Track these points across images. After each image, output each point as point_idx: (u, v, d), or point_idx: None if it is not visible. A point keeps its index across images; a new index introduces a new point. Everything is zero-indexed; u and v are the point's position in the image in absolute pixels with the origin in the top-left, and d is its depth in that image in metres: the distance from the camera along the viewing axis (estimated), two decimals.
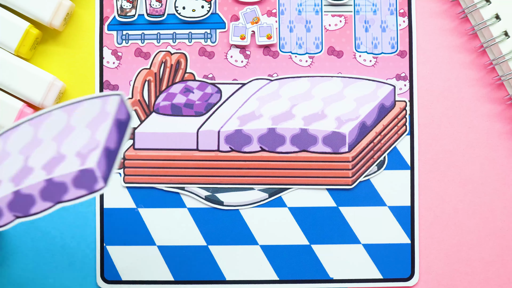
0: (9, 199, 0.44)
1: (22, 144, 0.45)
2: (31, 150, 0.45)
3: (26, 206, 0.44)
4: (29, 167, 0.44)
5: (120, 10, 0.57)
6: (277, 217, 0.57)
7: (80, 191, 0.44)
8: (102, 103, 0.44)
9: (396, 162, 0.57)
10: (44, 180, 0.44)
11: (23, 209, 0.44)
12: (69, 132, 0.44)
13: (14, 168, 0.45)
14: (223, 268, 0.57)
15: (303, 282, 0.57)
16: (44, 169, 0.44)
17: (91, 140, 0.43)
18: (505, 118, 0.58)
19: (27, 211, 0.44)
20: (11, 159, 0.45)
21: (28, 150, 0.45)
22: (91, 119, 0.43)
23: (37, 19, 0.56)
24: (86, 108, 0.43)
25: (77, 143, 0.44)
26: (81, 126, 0.44)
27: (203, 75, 0.58)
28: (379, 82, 0.57)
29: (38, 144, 0.45)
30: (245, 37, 0.57)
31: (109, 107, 0.43)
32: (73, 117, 0.44)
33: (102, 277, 0.57)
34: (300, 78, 0.57)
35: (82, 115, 0.44)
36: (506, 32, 0.56)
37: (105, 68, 0.58)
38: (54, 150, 0.44)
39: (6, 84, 0.56)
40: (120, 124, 0.43)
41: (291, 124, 0.55)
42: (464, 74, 0.58)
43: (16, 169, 0.45)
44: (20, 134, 0.45)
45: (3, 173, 0.45)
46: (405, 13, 0.58)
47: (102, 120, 0.43)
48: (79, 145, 0.44)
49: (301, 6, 0.58)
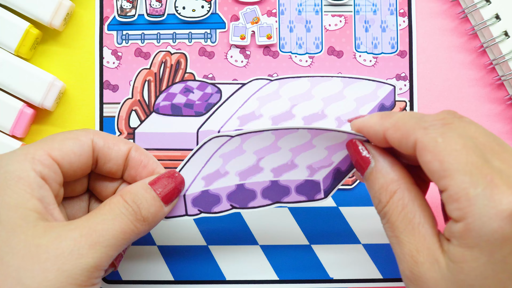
0: (231, 191, 0.50)
1: (258, 147, 0.50)
2: (265, 154, 0.49)
3: (246, 200, 0.51)
4: (259, 166, 0.50)
5: (120, 10, 0.57)
6: (277, 217, 0.57)
7: (300, 196, 0.50)
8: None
9: None
10: (269, 181, 0.50)
11: (242, 202, 0.51)
12: (308, 148, 0.49)
13: (244, 165, 0.50)
14: (223, 268, 0.57)
15: (303, 282, 0.57)
16: (272, 171, 0.50)
17: (326, 159, 0.49)
18: (505, 118, 0.58)
19: (246, 204, 0.51)
20: (244, 156, 0.50)
21: (263, 153, 0.49)
22: (332, 144, 0.48)
23: (37, 19, 0.56)
24: (330, 135, 0.47)
25: (312, 159, 0.50)
26: (321, 147, 0.49)
27: (203, 75, 0.58)
28: (379, 82, 0.57)
29: (273, 151, 0.49)
30: (245, 37, 0.57)
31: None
32: (316, 139, 0.48)
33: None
34: (300, 78, 0.57)
35: (325, 139, 0.48)
36: (506, 32, 0.56)
37: (105, 68, 0.58)
38: (288, 158, 0.49)
39: (6, 84, 0.56)
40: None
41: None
42: (464, 74, 0.58)
43: (246, 166, 0.50)
44: (261, 139, 0.49)
45: (233, 166, 0.50)
46: (405, 13, 0.58)
47: (342, 148, 0.48)
48: (313, 160, 0.50)
49: (301, 6, 0.58)
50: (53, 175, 0.46)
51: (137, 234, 0.46)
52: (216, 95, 0.57)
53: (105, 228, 0.44)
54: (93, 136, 0.48)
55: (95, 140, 0.48)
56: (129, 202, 0.46)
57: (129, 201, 0.46)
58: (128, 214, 0.46)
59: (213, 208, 0.51)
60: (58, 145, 0.47)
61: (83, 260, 0.43)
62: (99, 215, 0.45)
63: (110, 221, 0.45)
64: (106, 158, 0.49)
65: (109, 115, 0.57)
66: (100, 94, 0.58)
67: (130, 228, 0.46)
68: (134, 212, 0.46)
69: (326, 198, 0.51)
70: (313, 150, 0.49)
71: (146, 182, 0.48)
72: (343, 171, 0.50)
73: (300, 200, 0.51)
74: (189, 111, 0.57)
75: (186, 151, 0.57)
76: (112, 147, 0.49)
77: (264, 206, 0.51)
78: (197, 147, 0.50)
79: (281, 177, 0.51)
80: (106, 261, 0.44)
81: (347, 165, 0.49)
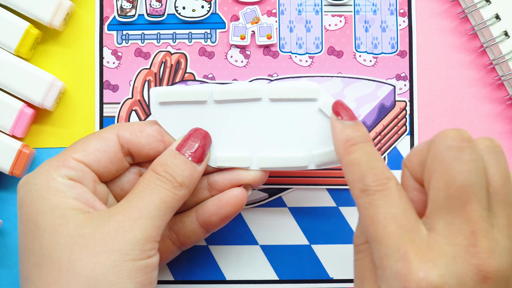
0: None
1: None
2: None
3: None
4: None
5: (120, 10, 0.57)
6: (277, 217, 0.57)
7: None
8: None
9: (396, 162, 0.57)
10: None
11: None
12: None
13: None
14: (223, 268, 0.57)
15: (303, 282, 0.57)
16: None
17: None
18: (505, 118, 0.58)
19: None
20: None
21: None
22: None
23: (37, 19, 0.56)
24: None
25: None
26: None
27: (203, 75, 0.58)
28: (379, 82, 0.57)
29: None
30: (245, 37, 0.57)
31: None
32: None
33: None
34: (300, 78, 0.57)
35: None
36: (506, 32, 0.56)
37: (105, 68, 0.58)
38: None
39: (6, 84, 0.56)
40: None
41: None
42: (464, 74, 0.58)
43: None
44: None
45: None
46: (405, 13, 0.58)
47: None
48: None
49: (301, 6, 0.58)
50: (82, 173, 0.46)
51: (178, 200, 0.46)
52: None
53: (145, 203, 0.45)
54: (118, 130, 0.49)
55: (120, 133, 0.49)
56: (161, 173, 0.46)
57: (161, 172, 0.46)
58: (164, 184, 0.46)
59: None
60: (80, 147, 0.47)
61: (130, 235, 0.43)
62: (136, 193, 0.45)
63: (148, 196, 0.45)
64: (139, 147, 0.49)
65: (109, 115, 0.57)
66: (100, 94, 0.58)
67: (170, 196, 0.46)
68: (169, 181, 0.46)
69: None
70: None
71: (173, 148, 0.48)
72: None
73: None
74: None
75: None
76: (139, 134, 0.49)
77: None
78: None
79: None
80: (155, 231, 0.44)
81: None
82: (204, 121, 0.50)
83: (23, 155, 0.55)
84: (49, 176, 0.45)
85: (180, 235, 0.51)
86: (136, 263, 0.43)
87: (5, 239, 0.57)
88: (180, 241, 0.51)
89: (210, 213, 0.50)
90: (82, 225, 0.43)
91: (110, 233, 0.43)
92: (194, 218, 0.50)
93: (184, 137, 0.49)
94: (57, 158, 0.47)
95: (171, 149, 0.48)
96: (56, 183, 0.45)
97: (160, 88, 0.50)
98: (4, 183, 0.57)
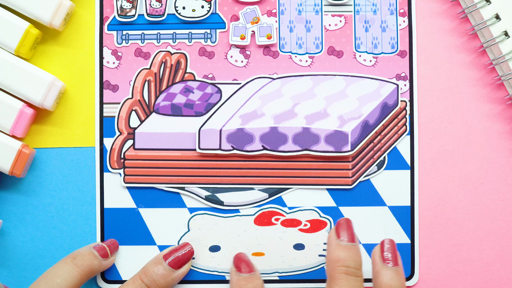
0: (264, 132, 0.55)
1: (296, 92, 0.54)
2: (301, 100, 0.54)
3: (277, 143, 0.55)
4: (294, 112, 0.54)
5: (120, 10, 0.57)
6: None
7: (328, 146, 0.54)
8: (379, 85, 0.55)
9: (396, 162, 0.57)
10: (301, 127, 0.54)
11: (273, 144, 0.55)
12: (341, 98, 0.53)
13: (280, 109, 0.55)
14: (223, 268, 0.57)
15: (303, 282, 0.57)
16: (305, 118, 0.54)
17: (356, 110, 0.54)
18: (505, 118, 0.58)
19: (276, 147, 0.55)
20: (282, 100, 0.54)
21: (299, 99, 0.54)
22: (364, 94, 0.53)
23: (37, 19, 0.56)
24: (364, 84, 0.52)
25: (343, 109, 0.54)
26: (353, 97, 0.53)
27: (203, 75, 0.58)
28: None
29: (309, 97, 0.54)
30: (245, 37, 0.57)
31: (383, 90, 0.55)
32: (350, 87, 0.53)
33: (102, 276, 0.57)
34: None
35: (358, 88, 0.53)
36: (506, 32, 0.56)
37: (105, 68, 0.58)
38: (322, 107, 0.54)
39: (6, 84, 0.56)
40: (385, 107, 0.55)
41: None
42: (464, 74, 0.58)
43: (282, 110, 0.55)
44: (299, 83, 0.54)
45: (270, 109, 0.54)
46: (405, 13, 0.58)
47: (373, 99, 0.52)
48: (344, 111, 0.54)
49: (301, 6, 0.58)
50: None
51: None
52: (216, 95, 0.57)
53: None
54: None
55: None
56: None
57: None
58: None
59: (246, 147, 0.54)
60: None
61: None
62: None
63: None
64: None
65: (109, 115, 0.57)
66: (100, 94, 0.57)
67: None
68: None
69: (352, 151, 0.54)
70: (346, 99, 0.50)
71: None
72: (371, 124, 0.53)
73: (328, 150, 0.54)
74: (189, 111, 0.57)
75: (186, 151, 0.57)
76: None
77: (293, 152, 0.55)
78: (240, 86, 0.54)
79: (313, 125, 0.54)
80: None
81: (375, 119, 0.51)
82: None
83: (23, 155, 0.55)
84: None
85: None
86: None
87: (5, 239, 0.57)
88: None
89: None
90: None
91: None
92: None
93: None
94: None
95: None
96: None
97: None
98: (4, 183, 0.57)
